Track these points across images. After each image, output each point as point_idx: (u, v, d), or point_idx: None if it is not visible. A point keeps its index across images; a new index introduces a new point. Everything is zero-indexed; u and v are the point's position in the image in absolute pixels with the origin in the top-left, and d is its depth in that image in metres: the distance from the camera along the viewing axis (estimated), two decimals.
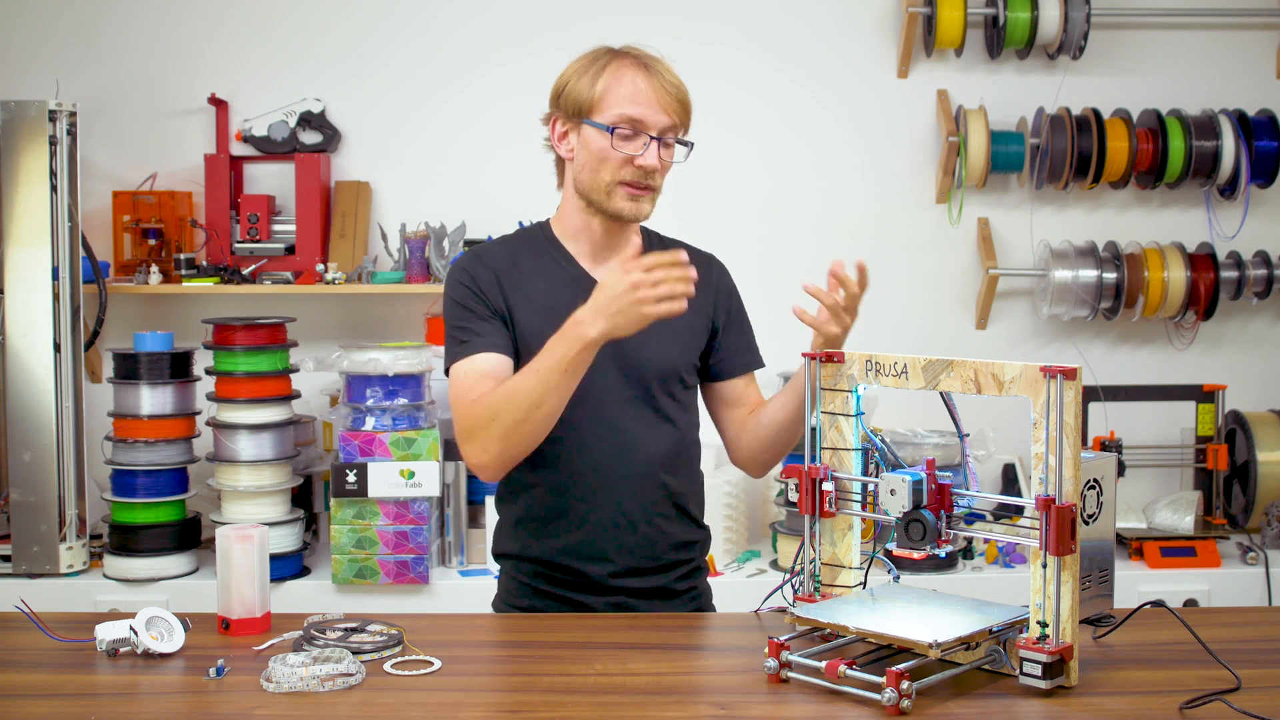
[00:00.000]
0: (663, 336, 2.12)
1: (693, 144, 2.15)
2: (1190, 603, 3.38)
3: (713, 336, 2.25)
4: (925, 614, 1.80)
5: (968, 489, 1.81)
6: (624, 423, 2.13)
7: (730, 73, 3.78)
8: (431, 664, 1.80)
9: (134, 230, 3.65)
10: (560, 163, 2.20)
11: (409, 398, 3.33)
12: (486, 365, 2.09)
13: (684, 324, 2.12)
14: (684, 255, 1.94)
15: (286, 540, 3.36)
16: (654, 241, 2.27)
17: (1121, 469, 3.49)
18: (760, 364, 2.31)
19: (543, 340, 2.07)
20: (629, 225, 2.20)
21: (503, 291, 2.14)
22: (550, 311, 2.11)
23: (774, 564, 3.49)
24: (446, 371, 2.15)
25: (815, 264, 3.99)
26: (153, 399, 3.38)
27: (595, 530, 2.14)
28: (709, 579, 2.32)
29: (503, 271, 2.16)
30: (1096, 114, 3.69)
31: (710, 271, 2.27)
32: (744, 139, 3.81)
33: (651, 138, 2.08)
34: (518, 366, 2.10)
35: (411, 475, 3.27)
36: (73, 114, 3.40)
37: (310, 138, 3.73)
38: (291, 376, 3.46)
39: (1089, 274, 3.71)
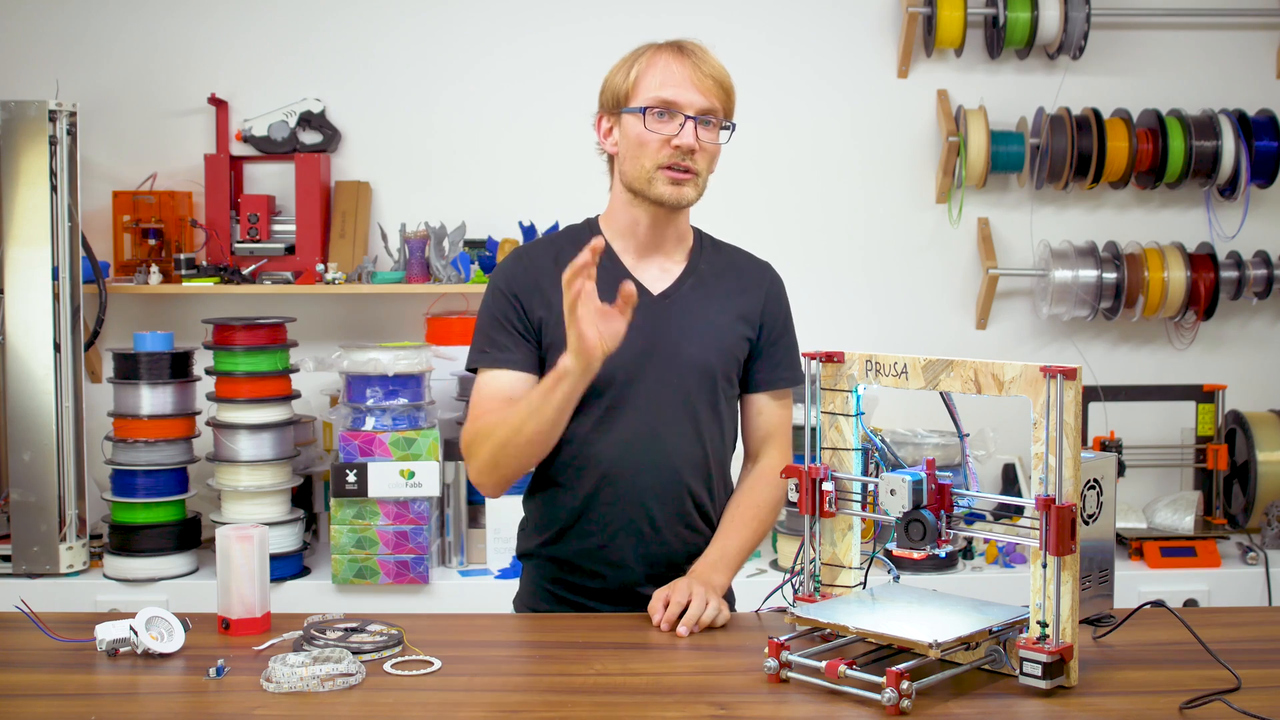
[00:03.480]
0: (701, 340, 2.11)
1: (733, 126, 2.12)
2: (1190, 603, 3.38)
3: (753, 345, 2.19)
4: (925, 614, 1.80)
5: (968, 489, 1.81)
6: (659, 429, 2.10)
7: (729, 72, 3.77)
8: (431, 664, 1.80)
9: (134, 230, 3.65)
10: (611, 162, 2.16)
11: (409, 398, 3.33)
12: (505, 382, 2.09)
13: (725, 327, 2.10)
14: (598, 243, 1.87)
15: (286, 540, 3.36)
16: (706, 245, 2.23)
17: (1121, 469, 3.49)
18: (796, 380, 2.20)
19: None
20: (676, 219, 2.15)
21: (541, 299, 2.10)
22: None
23: (774, 564, 3.49)
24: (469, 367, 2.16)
25: (814, 263, 4.00)
26: (153, 399, 3.38)
27: (619, 535, 2.12)
28: None
29: (545, 274, 2.11)
30: (1096, 114, 3.69)
31: (763, 278, 2.23)
32: (743, 138, 3.79)
33: (687, 117, 2.05)
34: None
35: (411, 475, 3.27)
36: (73, 114, 3.40)
37: (310, 138, 3.73)
38: (291, 376, 3.46)
39: (1089, 274, 3.71)
